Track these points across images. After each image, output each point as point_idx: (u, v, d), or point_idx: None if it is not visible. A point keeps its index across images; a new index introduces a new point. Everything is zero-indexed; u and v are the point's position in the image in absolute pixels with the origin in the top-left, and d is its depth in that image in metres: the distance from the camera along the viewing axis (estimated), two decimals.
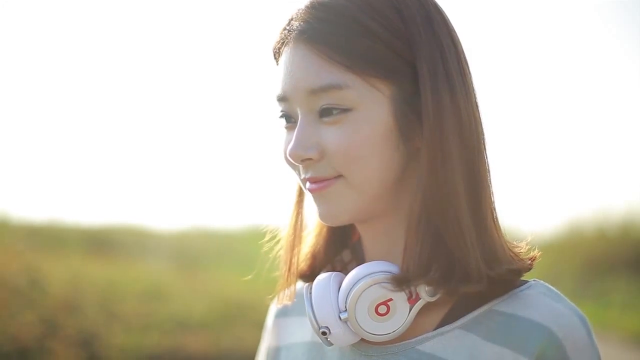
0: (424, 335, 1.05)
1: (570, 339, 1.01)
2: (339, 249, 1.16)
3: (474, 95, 1.07)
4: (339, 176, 1.03)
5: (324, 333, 1.06)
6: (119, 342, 5.54)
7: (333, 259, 1.16)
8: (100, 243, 10.43)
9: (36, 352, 5.07)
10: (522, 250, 1.08)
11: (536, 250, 1.08)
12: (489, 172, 1.07)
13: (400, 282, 1.03)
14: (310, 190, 1.05)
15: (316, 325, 1.06)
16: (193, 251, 11.44)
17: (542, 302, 1.03)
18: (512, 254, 1.06)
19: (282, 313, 1.23)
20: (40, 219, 10.36)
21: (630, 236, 12.61)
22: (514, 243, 1.08)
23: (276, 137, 1.11)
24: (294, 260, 1.15)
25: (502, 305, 1.04)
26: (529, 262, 1.07)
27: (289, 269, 1.15)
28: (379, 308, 1.04)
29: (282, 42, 1.07)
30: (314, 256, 1.16)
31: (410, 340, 1.06)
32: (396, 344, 1.07)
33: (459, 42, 1.08)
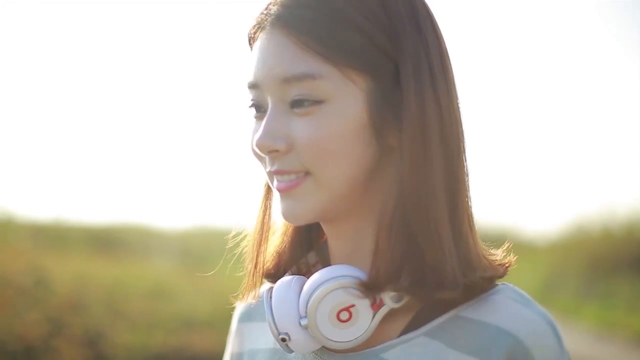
0: (388, 343, 1.01)
1: (539, 346, 0.97)
2: (305, 250, 1.11)
3: (456, 94, 1.03)
4: (307, 174, 0.99)
5: (283, 339, 1.01)
6: (124, 341, 5.55)
7: (298, 260, 1.11)
8: (105, 242, 10.44)
9: (42, 351, 5.08)
10: (497, 258, 1.04)
11: (511, 255, 1.05)
12: (467, 175, 1.03)
13: (369, 288, 0.98)
14: (278, 190, 1.01)
15: (276, 332, 1.02)
16: (198, 250, 11.45)
17: (509, 307, 0.99)
18: (486, 261, 1.02)
19: (246, 318, 1.18)
20: (45, 218, 10.38)
21: (636, 236, 12.58)
22: (489, 250, 1.05)
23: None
24: (260, 258, 1.10)
25: (469, 311, 0.99)
26: (503, 269, 1.03)
27: (255, 268, 1.10)
28: (340, 314, 0.99)
29: (258, 27, 1.02)
30: (279, 256, 1.11)
31: (373, 348, 1.02)
32: (359, 352, 1.03)
33: (443, 38, 1.04)
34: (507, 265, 1.04)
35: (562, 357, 0.98)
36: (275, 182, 1.02)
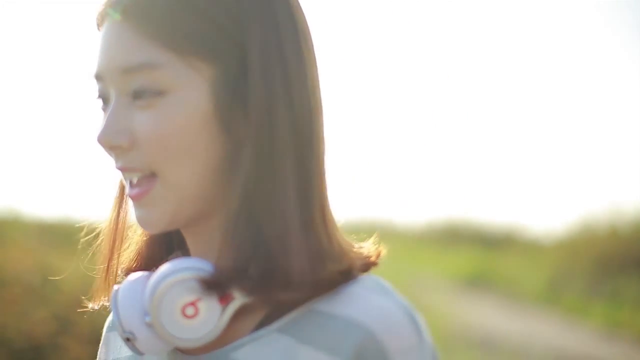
0: (240, 341, 0.95)
1: (393, 339, 0.90)
2: (167, 250, 1.05)
3: (314, 82, 0.97)
4: (153, 176, 0.94)
5: (128, 339, 0.95)
6: None
7: (160, 260, 1.03)
8: None
9: (49, 348, 5.10)
10: (362, 250, 0.98)
11: (380, 246, 0.99)
12: (323, 166, 0.96)
13: (210, 284, 0.92)
14: (130, 197, 0.97)
15: (121, 331, 0.95)
16: None
17: (364, 298, 0.92)
18: (344, 254, 0.95)
19: (112, 327, 1.12)
20: (52, 217, 10.41)
21: None
22: (353, 242, 0.99)
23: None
24: (114, 260, 1.04)
25: (322, 304, 0.93)
26: (366, 260, 0.97)
27: (107, 270, 1.05)
28: (186, 309, 0.93)
29: (102, 14, 0.97)
30: (140, 256, 1.05)
31: (224, 348, 0.96)
32: (210, 352, 0.96)
33: (302, 23, 0.97)
34: (371, 257, 0.98)
35: (422, 350, 0.92)
36: (127, 189, 0.97)
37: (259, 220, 0.92)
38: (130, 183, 0.96)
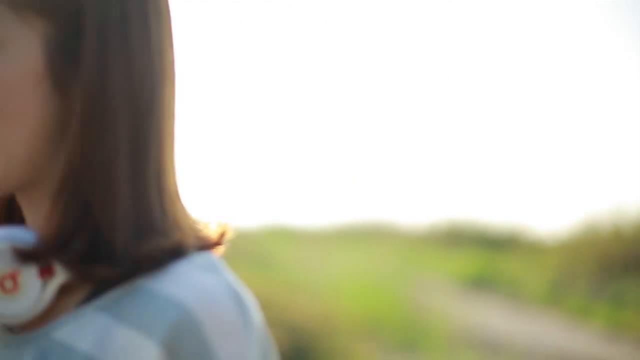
0: (61, 319, 0.89)
1: (213, 319, 0.84)
2: (9, 220, 1.00)
3: (162, 47, 0.93)
4: None
5: None
6: None
7: None
8: None
9: None
10: (206, 230, 0.93)
11: (227, 227, 0.94)
12: (166, 136, 0.92)
13: (27, 256, 0.88)
14: None
15: None
16: None
17: (187, 275, 0.86)
18: (176, 230, 0.90)
19: None
20: None
21: None
22: (198, 221, 0.94)
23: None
24: None
25: (147, 281, 0.87)
26: (207, 239, 0.92)
27: None
28: (5, 282, 0.88)
29: None
30: None
31: (47, 326, 0.90)
32: (34, 332, 0.91)
33: None
34: (212, 237, 0.93)
35: (246, 333, 0.86)
36: None
37: (86, 189, 0.88)
38: None
